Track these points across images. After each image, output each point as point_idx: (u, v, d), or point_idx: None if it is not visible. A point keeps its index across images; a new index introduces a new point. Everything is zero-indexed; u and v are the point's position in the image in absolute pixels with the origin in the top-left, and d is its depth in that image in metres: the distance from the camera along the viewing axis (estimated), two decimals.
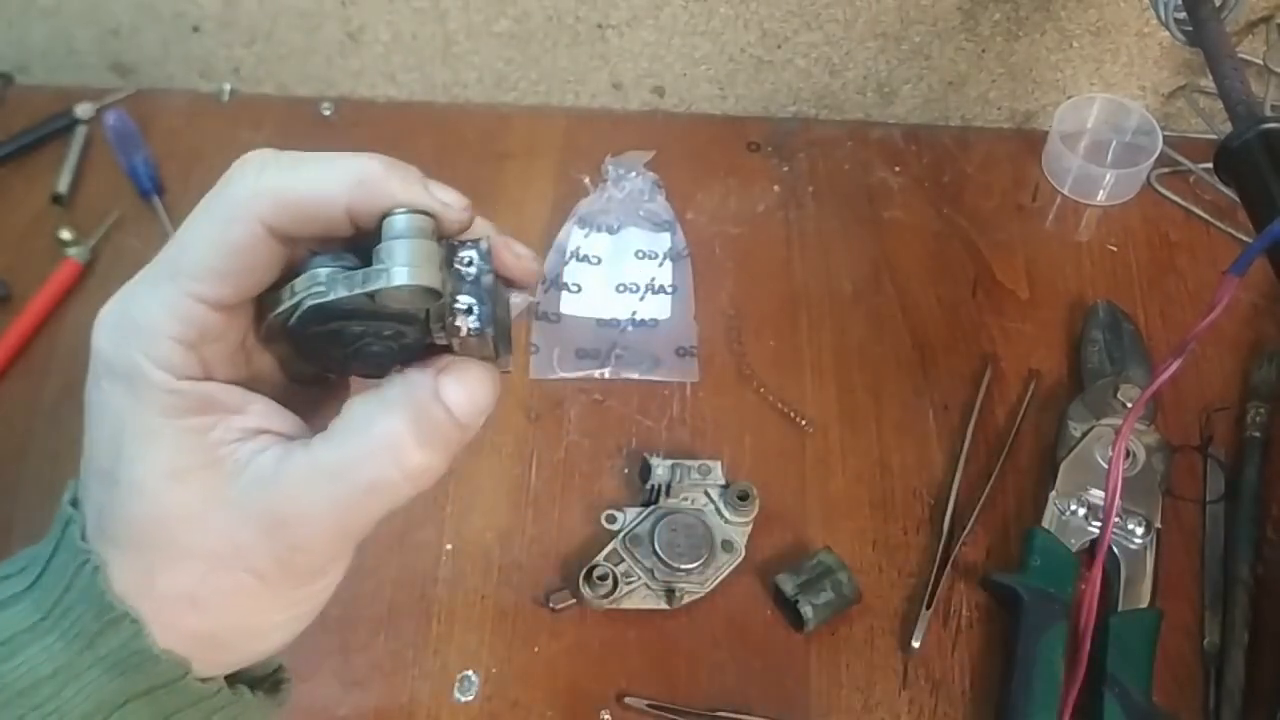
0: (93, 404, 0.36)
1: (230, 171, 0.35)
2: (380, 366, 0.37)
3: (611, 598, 0.60)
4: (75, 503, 0.36)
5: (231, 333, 0.36)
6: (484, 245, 0.36)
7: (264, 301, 0.36)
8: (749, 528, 0.63)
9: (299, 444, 0.35)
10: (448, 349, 0.36)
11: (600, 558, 0.61)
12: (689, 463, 0.64)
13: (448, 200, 0.36)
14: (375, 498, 0.35)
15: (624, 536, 0.62)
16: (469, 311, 0.35)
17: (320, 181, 0.35)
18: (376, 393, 0.36)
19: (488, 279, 0.36)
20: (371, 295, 0.34)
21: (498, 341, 0.36)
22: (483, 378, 0.36)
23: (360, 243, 0.35)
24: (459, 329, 0.35)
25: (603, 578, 0.60)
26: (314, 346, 0.36)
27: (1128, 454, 0.64)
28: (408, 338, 0.36)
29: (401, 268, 0.33)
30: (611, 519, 0.63)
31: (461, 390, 0.36)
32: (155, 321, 0.35)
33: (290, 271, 0.36)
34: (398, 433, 0.34)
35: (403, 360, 0.36)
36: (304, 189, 0.35)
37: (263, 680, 0.40)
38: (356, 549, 0.37)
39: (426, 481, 0.36)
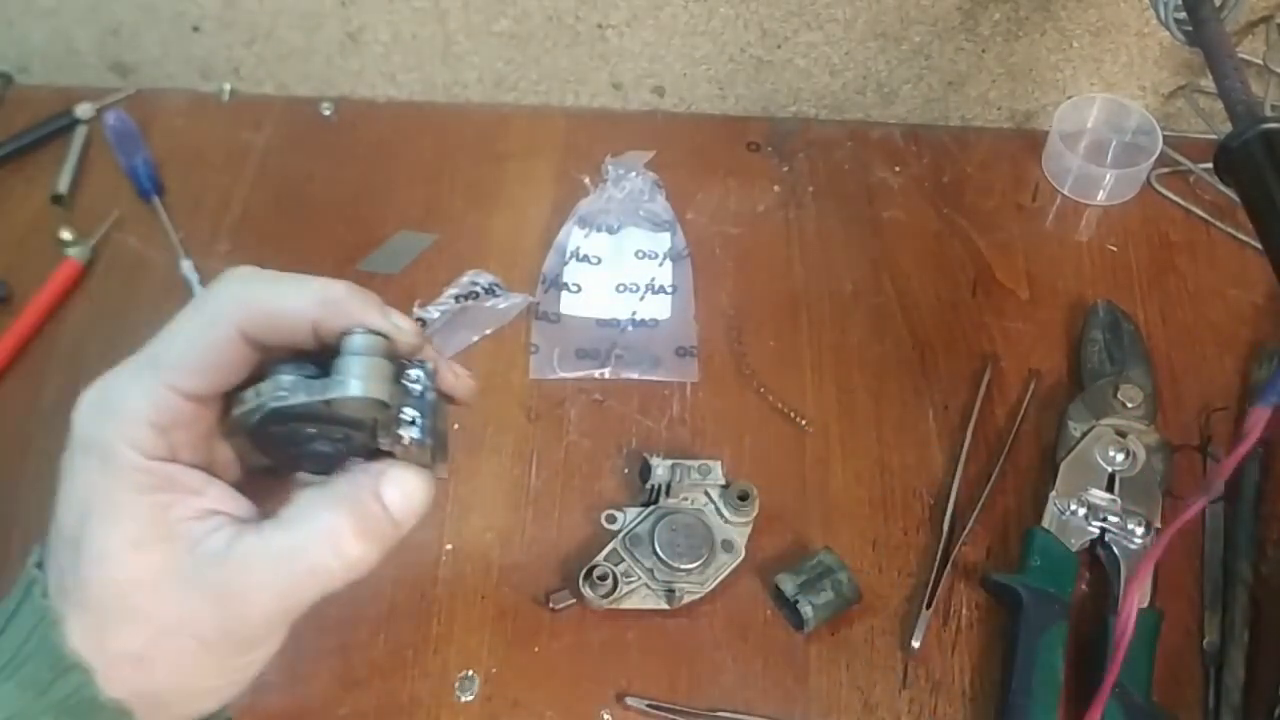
0: (65, 477, 0.39)
1: (217, 280, 0.41)
2: (328, 465, 0.41)
3: (611, 598, 0.60)
4: (40, 565, 0.39)
5: (199, 422, 0.41)
6: (430, 366, 0.42)
7: (231, 398, 0.41)
8: (749, 528, 0.63)
9: (251, 526, 0.39)
10: (390, 454, 0.41)
11: (600, 558, 0.61)
12: (689, 463, 0.64)
13: (401, 325, 0.42)
14: (313, 581, 0.39)
15: (624, 536, 0.62)
16: (412, 423, 0.40)
17: (292, 297, 0.40)
18: (323, 488, 0.40)
19: (431, 395, 0.41)
20: (328, 402, 0.39)
21: (435, 451, 0.41)
22: (419, 482, 0.41)
23: (322, 355, 0.40)
24: (402, 438, 0.40)
25: (603, 578, 0.60)
26: (271, 443, 0.41)
27: (1127, 454, 0.65)
28: (355, 442, 0.40)
29: (356, 380, 0.39)
30: (611, 519, 0.63)
31: (399, 492, 0.40)
32: (133, 405, 0.39)
33: (257, 374, 0.40)
34: (339, 525, 0.39)
35: (349, 461, 0.41)
36: (278, 302, 0.40)
37: None
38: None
39: (360, 571, 0.40)
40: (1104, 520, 0.62)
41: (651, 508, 0.63)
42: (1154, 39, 0.78)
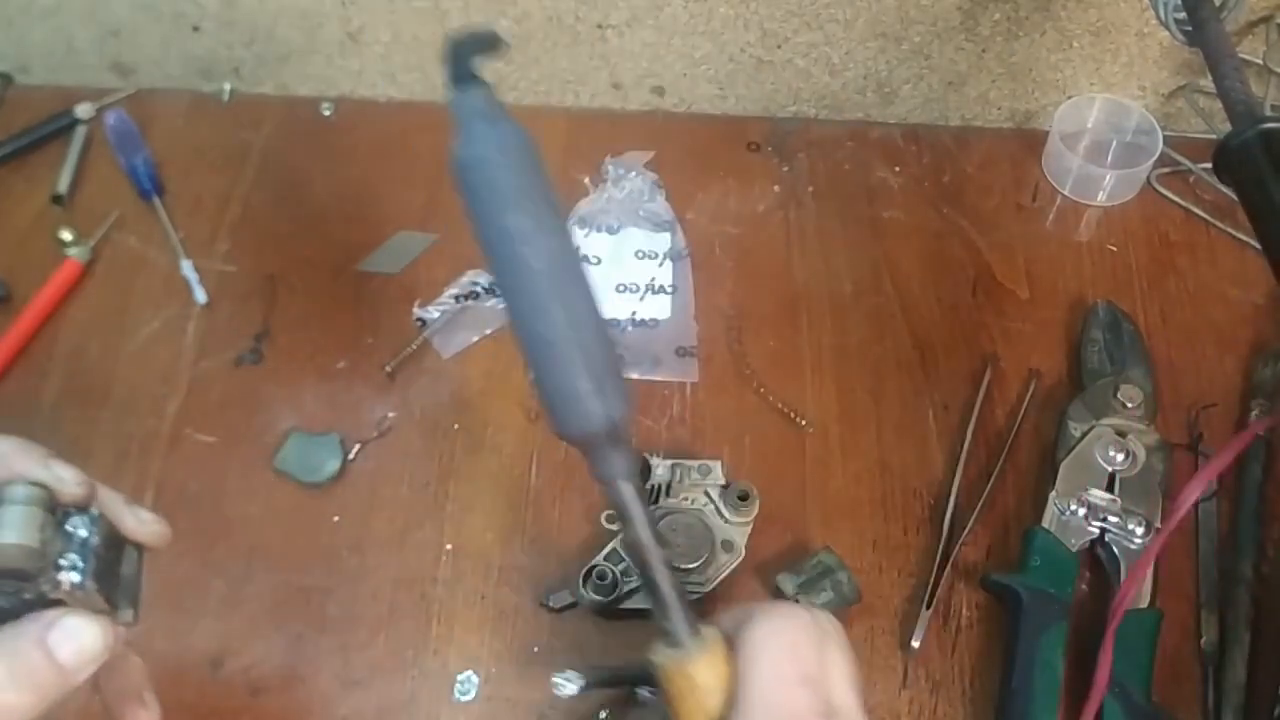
0: None
1: None
2: (5, 620, 0.42)
3: (611, 597, 0.60)
4: None
5: None
6: (94, 512, 0.43)
7: None
8: (749, 528, 0.63)
9: None
10: (62, 602, 0.41)
11: (600, 558, 0.61)
12: (689, 463, 0.64)
13: (64, 475, 0.43)
14: None
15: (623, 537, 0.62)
16: (72, 568, 0.41)
17: None
18: None
19: (94, 540, 0.42)
20: None
21: (111, 595, 0.43)
22: (91, 629, 0.41)
23: None
24: (61, 583, 0.41)
25: (602, 577, 0.60)
26: None
27: (1127, 454, 0.65)
28: (28, 593, 0.41)
29: (8, 529, 0.40)
30: (612, 519, 0.63)
31: (67, 639, 0.41)
32: None
33: None
34: None
35: (25, 614, 0.42)
36: None
37: None
38: (354, 551, 0.39)
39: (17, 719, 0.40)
40: (1104, 520, 0.62)
41: (652, 508, 0.63)
42: (1154, 39, 0.78)
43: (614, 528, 0.63)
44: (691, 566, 0.61)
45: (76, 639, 0.41)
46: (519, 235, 0.39)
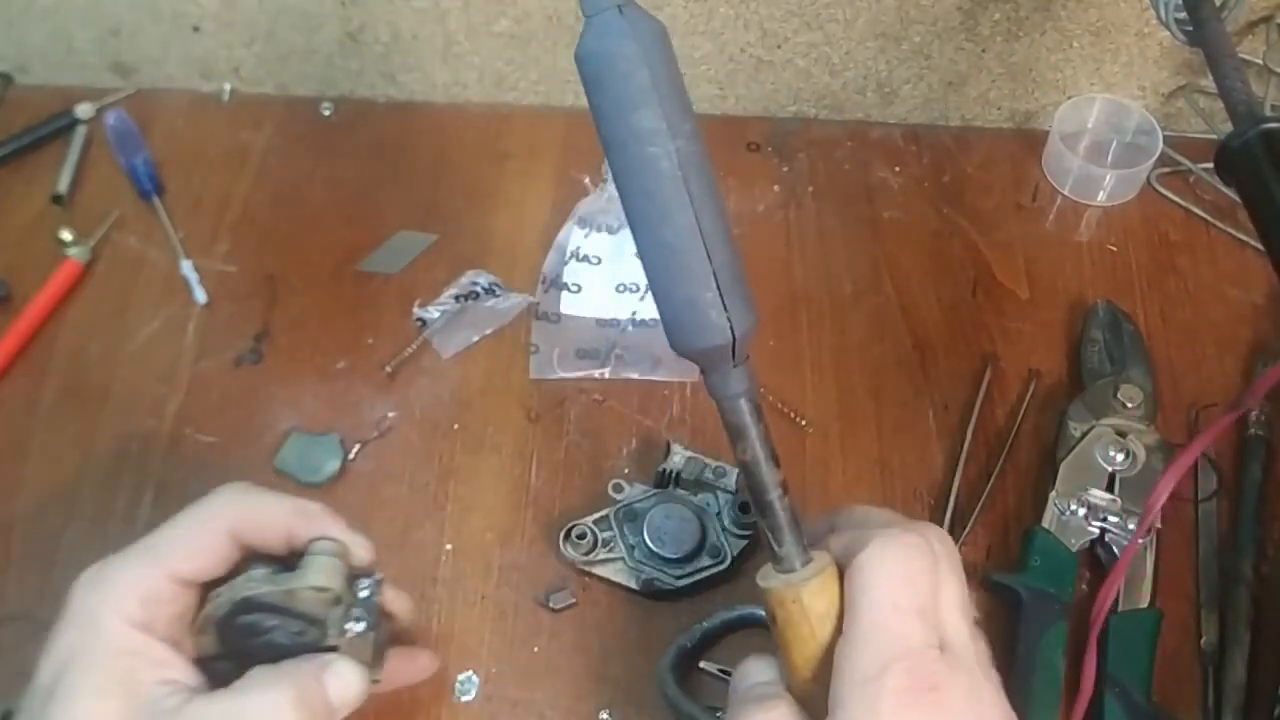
0: (50, 642, 0.45)
1: (217, 489, 0.49)
2: (283, 657, 0.47)
3: (588, 558, 0.61)
4: (8, 715, 0.46)
5: (177, 603, 0.47)
6: (378, 576, 0.50)
7: (206, 595, 0.48)
8: (745, 542, 0.62)
9: (204, 694, 0.45)
10: (335, 649, 0.47)
11: (589, 520, 0.61)
12: (707, 460, 0.64)
13: (359, 541, 0.50)
14: None
15: (620, 508, 0.62)
16: (359, 620, 0.48)
17: (275, 506, 0.49)
18: (273, 666, 0.46)
19: (375, 600, 0.49)
20: (290, 592, 0.47)
21: (376, 650, 0.49)
22: (357, 676, 0.47)
23: (289, 560, 0.49)
24: (348, 632, 0.48)
25: (581, 536, 0.61)
26: (235, 634, 0.47)
27: (1127, 454, 0.65)
28: (309, 636, 0.47)
29: (317, 573, 0.47)
30: (618, 488, 0.64)
31: (339, 680, 0.46)
32: (126, 579, 0.46)
33: (234, 571, 0.48)
34: (281, 698, 0.45)
35: (300, 654, 0.47)
36: (263, 508, 0.49)
37: None
38: None
39: None
40: (1104, 520, 0.62)
41: (658, 491, 0.63)
42: (1154, 39, 0.78)
43: (618, 497, 0.63)
44: (671, 557, 0.61)
45: (346, 681, 0.47)
46: (648, 135, 0.38)
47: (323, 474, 0.66)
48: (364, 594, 0.49)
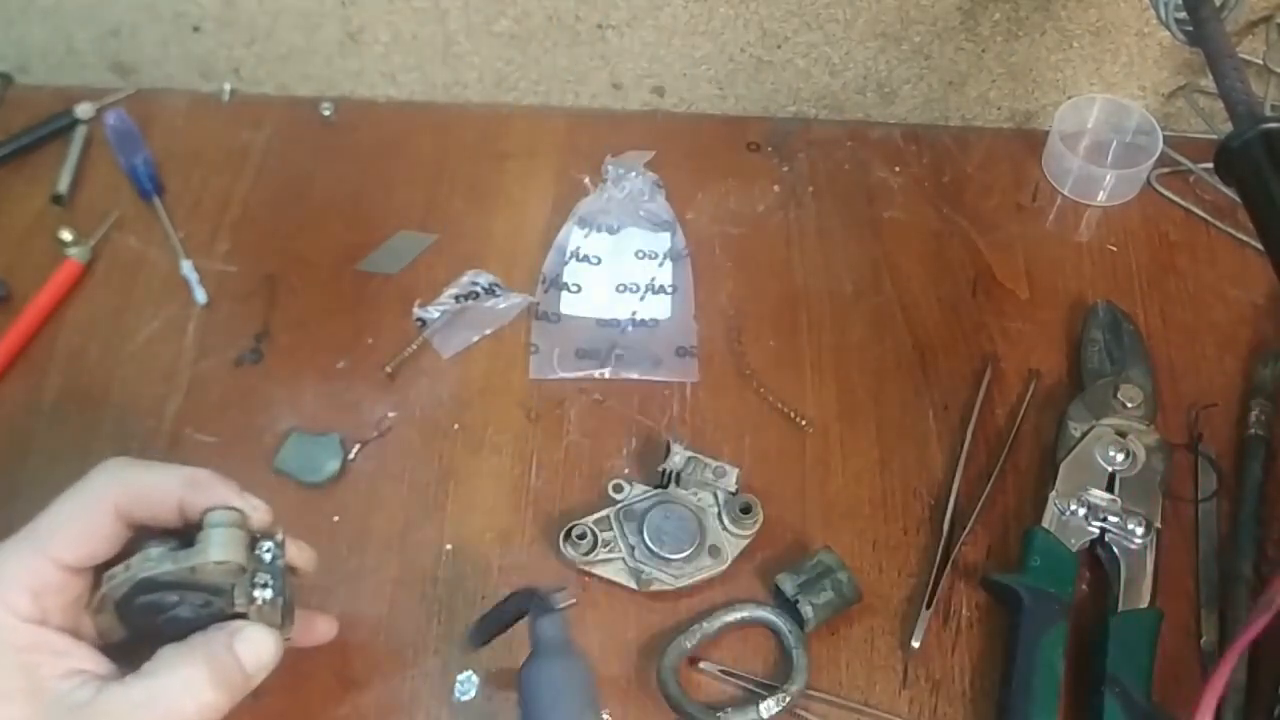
0: None
1: (96, 467, 0.47)
2: (188, 631, 0.46)
3: (588, 558, 0.61)
4: None
5: (69, 590, 0.46)
6: (279, 538, 0.49)
7: (100, 576, 0.46)
8: (745, 542, 0.63)
9: (114, 680, 0.44)
10: (243, 616, 0.47)
11: (589, 520, 0.61)
12: (706, 460, 0.64)
13: (256, 504, 0.49)
14: None
15: (620, 508, 0.62)
16: (266, 586, 0.47)
17: (162, 478, 0.47)
18: (182, 644, 0.46)
19: (280, 563, 0.48)
20: (193, 569, 0.45)
21: (284, 613, 0.48)
22: (269, 640, 0.47)
23: (184, 533, 0.47)
24: (256, 599, 0.47)
25: (581, 536, 0.61)
26: (137, 614, 0.46)
27: (1127, 454, 0.65)
28: (214, 607, 0.46)
29: (218, 547, 0.46)
30: (618, 488, 0.64)
31: (251, 647, 0.46)
32: (9, 572, 0.44)
33: (126, 550, 0.47)
34: (195, 675, 0.44)
35: (207, 625, 0.47)
36: (149, 482, 0.47)
37: None
38: (354, 551, 0.44)
39: (213, 717, 0.45)
40: (1104, 520, 0.62)
41: (658, 491, 0.63)
42: (1154, 39, 0.78)
43: (618, 497, 0.63)
44: (671, 558, 0.61)
45: (258, 647, 0.46)
46: None
47: (323, 474, 0.66)
48: (267, 557, 0.48)
